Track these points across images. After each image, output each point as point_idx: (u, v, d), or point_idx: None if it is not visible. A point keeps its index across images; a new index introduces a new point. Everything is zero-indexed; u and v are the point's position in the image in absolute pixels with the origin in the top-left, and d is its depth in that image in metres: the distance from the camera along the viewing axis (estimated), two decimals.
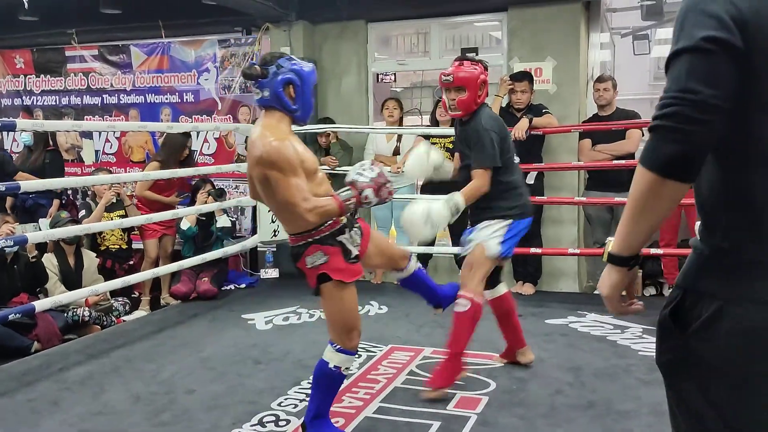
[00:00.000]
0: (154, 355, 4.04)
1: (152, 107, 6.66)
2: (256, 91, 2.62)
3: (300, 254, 2.67)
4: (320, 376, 2.76)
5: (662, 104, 1.19)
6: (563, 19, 5.49)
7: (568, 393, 3.28)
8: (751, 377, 1.22)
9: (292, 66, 2.60)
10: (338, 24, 6.16)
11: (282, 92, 2.57)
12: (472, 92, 3.23)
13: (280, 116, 2.61)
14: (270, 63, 2.60)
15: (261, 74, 2.57)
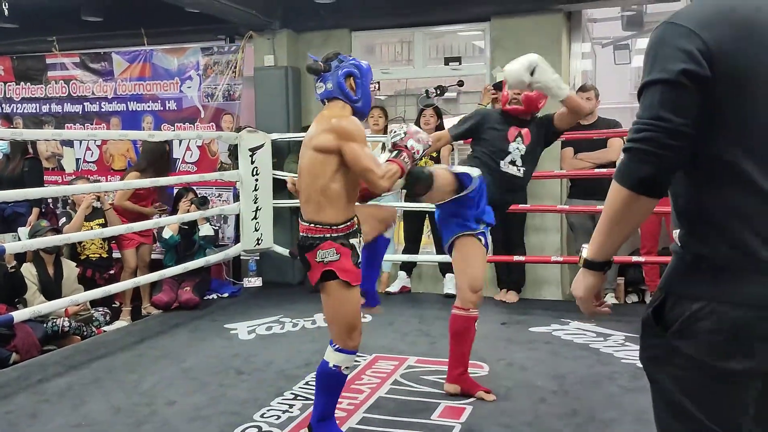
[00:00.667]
0: (135, 365, 3.99)
1: (134, 115, 6.60)
2: (319, 85, 2.77)
3: (313, 246, 2.68)
4: (322, 377, 2.80)
5: (636, 128, 1.35)
6: (545, 29, 5.53)
7: (552, 401, 3.28)
8: (727, 372, 1.34)
9: (351, 60, 2.78)
10: (322, 33, 6.16)
11: (344, 83, 2.73)
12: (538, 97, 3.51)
13: (343, 105, 2.75)
14: (332, 59, 2.76)
15: (324, 69, 2.74)
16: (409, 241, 5.72)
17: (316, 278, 2.71)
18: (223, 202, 6.28)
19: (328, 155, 2.63)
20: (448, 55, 6.99)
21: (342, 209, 2.70)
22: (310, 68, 2.77)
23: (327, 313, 2.81)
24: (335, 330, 2.77)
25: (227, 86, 6.23)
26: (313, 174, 2.66)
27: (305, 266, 2.76)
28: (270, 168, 5.67)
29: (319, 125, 2.69)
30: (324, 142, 2.63)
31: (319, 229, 2.68)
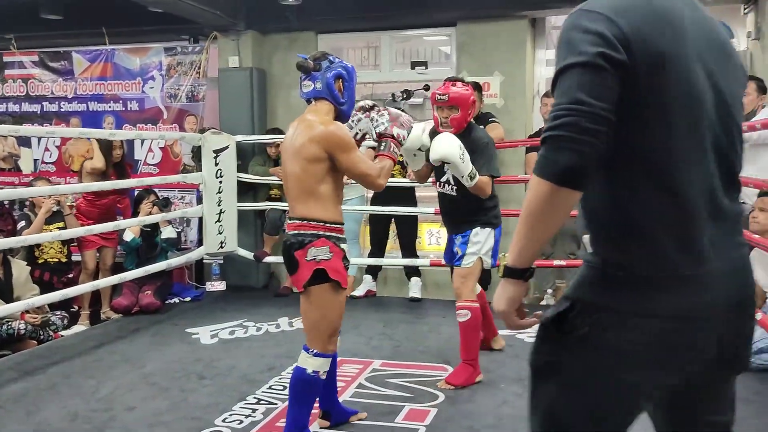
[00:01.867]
0: (93, 371, 3.90)
1: (95, 115, 6.47)
2: (307, 84, 2.75)
3: (304, 243, 2.62)
4: (298, 385, 2.72)
5: (554, 116, 1.24)
6: (510, 36, 5.59)
7: (515, 404, 3.30)
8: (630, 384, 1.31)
9: (340, 62, 2.79)
10: (288, 35, 6.13)
11: (333, 85, 2.73)
12: (464, 111, 3.46)
13: (329, 108, 2.75)
14: (322, 58, 2.77)
15: (314, 67, 2.73)
16: (374, 245, 5.70)
17: (304, 278, 2.62)
18: (186, 205, 6.19)
19: (318, 163, 2.62)
20: (414, 59, 7.02)
21: (333, 209, 2.69)
22: (300, 66, 2.75)
23: (311, 317, 2.70)
24: (316, 334, 2.69)
25: (191, 87, 6.16)
26: (301, 179, 2.65)
27: (291, 267, 2.67)
28: (234, 170, 5.61)
29: (305, 131, 2.64)
30: (314, 152, 2.60)
31: (312, 225, 2.64)
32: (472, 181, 3.32)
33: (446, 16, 5.76)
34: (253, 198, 5.91)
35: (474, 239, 3.52)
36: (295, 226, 2.67)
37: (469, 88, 3.51)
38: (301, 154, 2.63)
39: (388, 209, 5.37)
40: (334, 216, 2.69)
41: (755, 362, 3.65)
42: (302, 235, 2.64)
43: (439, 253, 6.29)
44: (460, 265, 3.54)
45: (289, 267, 2.71)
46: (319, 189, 2.65)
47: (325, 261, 2.61)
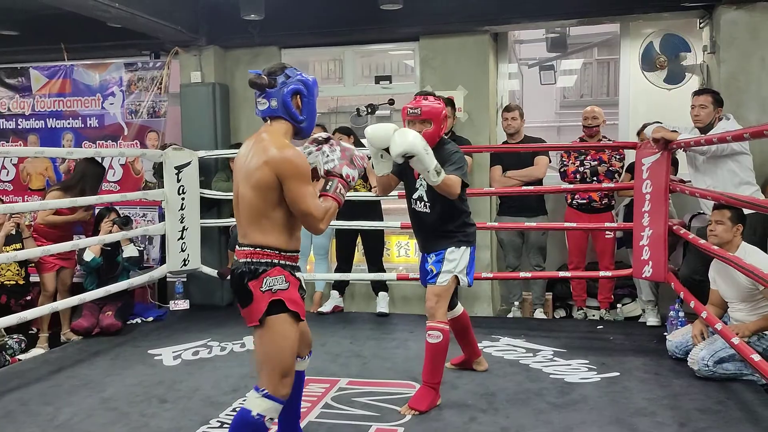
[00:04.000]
0: (51, 396, 3.78)
1: (53, 132, 6.33)
2: (262, 102, 2.53)
3: (258, 272, 2.42)
4: (239, 427, 2.46)
5: None
6: (472, 50, 5.63)
7: (482, 420, 3.29)
8: None
9: (298, 76, 2.55)
10: (251, 49, 6.09)
11: (290, 102, 2.51)
12: (437, 125, 3.38)
13: (287, 128, 2.54)
14: (278, 73, 2.53)
15: (269, 84, 2.50)
16: (341, 260, 5.66)
17: (260, 311, 2.40)
18: (148, 222, 6.08)
19: (269, 189, 2.41)
20: (379, 73, 7.03)
21: (288, 236, 2.49)
22: (253, 83, 2.51)
23: (263, 352, 2.47)
24: (268, 373, 2.45)
25: (152, 103, 6.06)
26: (254, 203, 2.45)
27: (244, 299, 2.45)
28: (197, 186, 5.53)
29: (260, 153, 2.43)
30: (263, 178, 2.40)
31: (266, 253, 2.44)
32: (438, 176, 3.17)
33: (409, 31, 5.78)
34: (217, 214, 5.83)
35: (449, 257, 3.43)
36: (247, 254, 2.45)
37: (440, 102, 3.47)
38: (253, 176, 2.42)
39: (354, 224, 5.34)
40: (289, 244, 2.49)
41: (718, 372, 3.70)
42: (255, 264, 2.43)
43: (408, 265, 6.30)
44: (435, 283, 3.44)
45: (240, 299, 2.47)
46: (274, 214, 2.45)
47: (281, 291, 2.43)
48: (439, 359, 3.43)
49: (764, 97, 4.92)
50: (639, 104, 5.74)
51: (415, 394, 3.47)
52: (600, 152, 5.22)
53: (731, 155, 4.19)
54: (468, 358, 3.98)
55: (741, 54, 4.95)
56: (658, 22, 5.59)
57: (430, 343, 3.40)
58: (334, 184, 2.56)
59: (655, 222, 4.46)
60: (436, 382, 3.45)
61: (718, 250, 3.68)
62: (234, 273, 2.49)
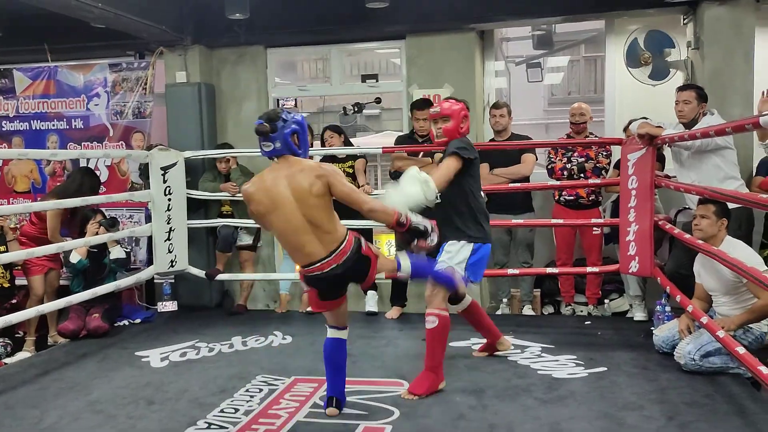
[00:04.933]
0: (37, 400, 3.75)
1: (38, 134, 6.29)
2: (267, 144, 3.07)
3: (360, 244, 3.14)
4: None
5: None
6: (459, 48, 5.63)
7: (471, 417, 3.29)
8: None
9: (293, 118, 3.10)
10: (236, 49, 6.07)
11: (291, 141, 3.07)
12: (456, 121, 3.66)
13: (293, 160, 3.09)
14: (276, 119, 3.06)
15: (271, 130, 3.04)
16: None
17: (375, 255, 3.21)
18: (134, 224, 6.04)
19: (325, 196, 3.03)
20: (367, 71, 7.03)
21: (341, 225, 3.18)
22: (259, 131, 3.04)
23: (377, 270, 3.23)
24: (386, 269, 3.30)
25: (137, 103, 6.03)
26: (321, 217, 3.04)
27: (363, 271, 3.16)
28: (183, 187, 5.50)
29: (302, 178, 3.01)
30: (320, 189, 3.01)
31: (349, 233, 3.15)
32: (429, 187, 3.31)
33: (395, 30, 5.77)
34: (204, 215, 5.80)
35: (447, 249, 3.65)
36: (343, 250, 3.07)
37: (460, 104, 3.74)
38: (312, 194, 3.00)
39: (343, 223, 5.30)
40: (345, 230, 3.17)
41: (704, 366, 3.72)
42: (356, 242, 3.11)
43: None
44: None
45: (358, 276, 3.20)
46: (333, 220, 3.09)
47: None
48: (436, 343, 3.57)
49: (748, 92, 4.95)
50: (624, 100, 5.76)
51: (416, 379, 3.60)
52: (587, 149, 5.24)
53: (716, 150, 4.22)
54: (491, 343, 4.20)
55: (725, 49, 4.99)
56: (643, 18, 5.62)
57: (427, 329, 3.58)
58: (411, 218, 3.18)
59: (641, 217, 4.48)
60: (434, 365, 3.58)
61: (702, 244, 3.70)
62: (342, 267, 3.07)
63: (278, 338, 4.83)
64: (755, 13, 5.01)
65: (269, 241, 6.11)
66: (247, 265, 5.84)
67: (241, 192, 5.47)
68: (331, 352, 3.39)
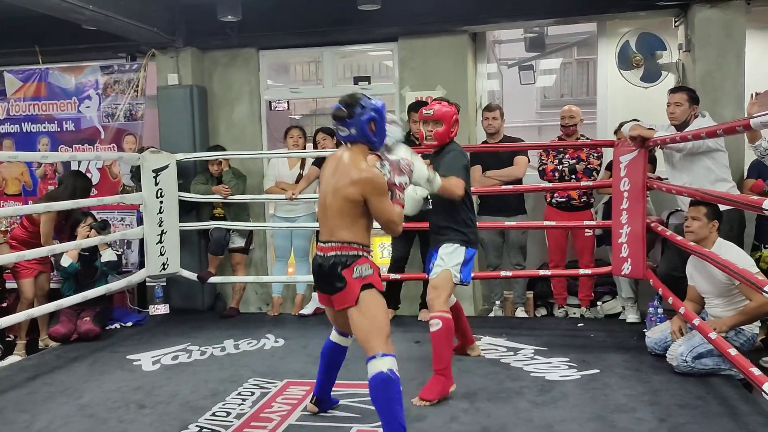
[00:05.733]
0: (27, 404, 3.72)
1: (29, 137, 6.25)
2: (343, 129, 2.96)
3: (347, 263, 2.89)
4: (381, 387, 2.83)
5: None
6: (451, 50, 5.64)
7: (463, 420, 3.28)
8: None
9: (372, 105, 2.96)
10: (228, 51, 6.05)
11: (367, 129, 2.94)
12: (447, 125, 3.72)
13: (363, 148, 2.98)
14: (354, 104, 2.94)
15: (348, 115, 2.92)
16: None
17: (354, 294, 2.88)
18: (126, 226, 6.01)
19: (356, 203, 2.89)
20: (360, 74, 7.02)
21: (368, 234, 3.01)
22: (336, 116, 2.94)
23: (365, 324, 2.89)
24: (376, 337, 2.87)
25: (129, 106, 6.00)
26: (344, 212, 2.91)
27: (335, 285, 2.91)
28: (175, 189, 5.47)
29: (347, 173, 2.90)
30: (352, 195, 2.87)
31: (354, 247, 2.92)
32: (432, 183, 3.44)
33: (387, 32, 5.77)
34: (196, 217, 5.78)
35: (442, 252, 3.71)
36: (337, 248, 2.91)
37: (452, 107, 3.79)
38: (341, 192, 2.90)
39: None
40: (368, 240, 3.01)
41: (696, 367, 3.72)
42: (345, 256, 2.90)
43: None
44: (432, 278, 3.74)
45: (330, 286, 2.93)
46: (360, 220, 2.93)
47: (369, 276, 2.91)
48: (442, 346, 3.58)
49: (739, 94, 4.97)
50: (616, 103, 5.78)
51: (426, 385, 3.57)
52: (578, 151, 5.25)
53: (707, 152, 4.23)
54: (462, 345, 4.22)
55: (716, 52, 5.01)
56: (634, 21, 5.63)
57: (431, 332, 3.59)
58: (394, 193, 3.02)
59: (633, 219, 4.49)
60: (443, 367, 3.55)
61: (695, 246, 3.71)
62: (322, 264, 2.94)
63: (270, 341, 4.81)
64: (746, 15, 5.03)
65: (261, 243, 6.09)
66: (239, 267, 5.82)
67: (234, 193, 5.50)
68: (325, 352, 3.36)
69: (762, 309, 3.61)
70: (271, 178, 5.71)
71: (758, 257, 4.49)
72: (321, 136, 5.57)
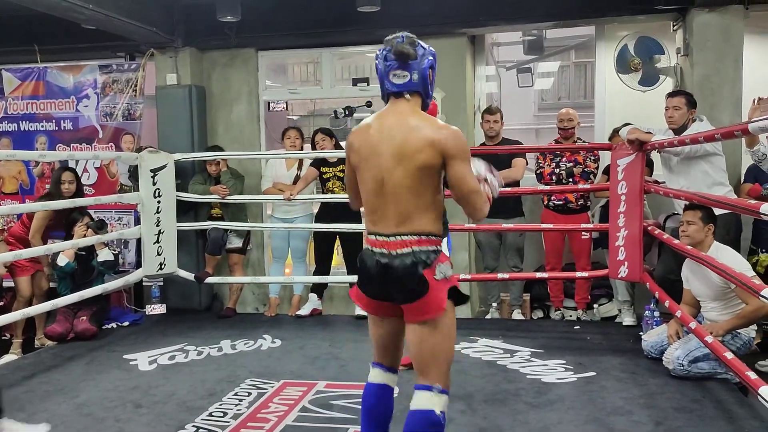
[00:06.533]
0: (23, 403, 3.71)
1: (26, 135, 6.25)
2: (402, 74, 2.29)
3: (430, 262, 2.25)
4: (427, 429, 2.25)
5: None
6: (450, 52, 5.64)
7: (460, 421, 3.29)
8: None
9: (430, 49, 2.37)
10: (227, 51, 6.05)
11: (428, 76, 2.33)
12: None
13: (420, 102, 2.34)
14: (416, 44, 2.31)
15: (414, 55, 2.28)
16: (319, 263, 5.64)
17: (443, 300, 2.24)
18: (123, 226, 6.01)
19: (433, 172, 2.26)
20: (358, 75, 7.03)
21: (441, 223, 2.35)
22: (402, 52, 2.26)
23: (435, 345, 2.28)
24: (440, 366, 2.29)
25: (127, 105, 6.00)
26: (416, 190, 2.25)
27: (416, 290, 2.24)
28: (173, 189, 5.47)
29: (413, 132, 2.25)
30: (429, 159, 2.23)
31: (433, 240, 2.28)
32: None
33: (386, 33, 5.71)
34: (194, 217, 5.78)
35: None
36: (414, 242, 2.25)
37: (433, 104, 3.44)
38: (415, 159, 2.23)
39: (333, 227, 5.32)
40: (441, 230, 2.35)
41: (692, 371, 3.73)
42: (425, 252, 2.25)
43: None
44: None
45: (404, 292, 2.26)
46: (436, 198, 2.30)
47: (453, 277, 2.31)
48: None
49: (737, 98, 4.99)
50: (614, 106, 5.80)
51: None
52: (575, 154, 5.26)
53: (704, 156, 4.24)
54: None
55: (714, 56, 5.02)
56: (633, 24, 5.65)
57: None
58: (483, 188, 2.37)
59: (630, 222, 4.50)
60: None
61: (691, 249, 3.72)
62: (390, 266, 2.26)
63: (267, 342, 4.81)
64: (744, 19, 5.05)
65: (259, 244, 6.09)
66: (236, 268, 5.82)
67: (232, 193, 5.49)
68: (370, 406, 2.49)
69: (758, 312, 3.62)
70: (268, 179, 5.71)
71: (755, 261, 4.51)
72: (320, 136, 5.58)
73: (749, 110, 4.65)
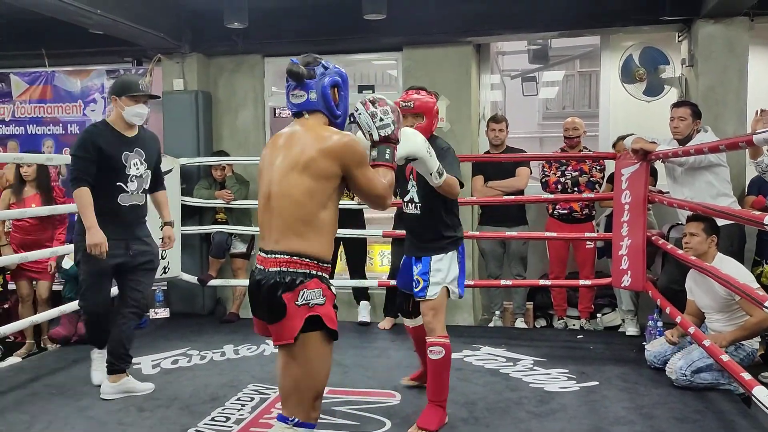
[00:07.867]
0: (27, 405, 3.72)
1: (33, 139, 6.29)
2: (299, 94, 2.32)
3: (294, 284, 2.16)
4: None
5: None
6: (455, 61, 5.67)
7: (462, 429, 3.29)
8: None
9: (335, 68, 2.38)
10: (234, 57, 6.08)
11: (329, 94, 2.32)
12: (429, 119, 3.28)
13: (325, 122, 2.33)
14: (315, 63, 2.33)
15: (308, 75, 2.30)
16: None
17: (295, 328, 2.14)
18: None
19: (326, 181, 2.20)
20: (364, 82, 7.05)
21: (328, 244, 2.25)
22: (293, 72, 2.30)
23: (294, 375, 2.20)
24: (299, 398, 2.20)
25: None
26: (301, 204, 2.19)
27: (275, 313, 2.17)
28: (178, 194, 5.50)
29: (313, 143, 2.21)
30: (326, 167, 2.19)
31: (305, 263, 2.18)
32: (440, 178, 3.00)
33: (392, 41, 5.81)
34: (198, 222, 5.80)
35: (436, 266, 3.26)
36: (282, 262, 2.18)
37: (432, 97, 3.36)
38: (308, 170, 2.19)
39: (338, 232, 5.32)
40: (328, 253, 2.25)
41: (695, 381, 3.73)
42: (290, 274, 2.17)
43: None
44: (425, 297, 3.25)
45: (269, 312, 2.19)
46: (321, 216, 2.21)
47: (318, 306, 2.17)
48: (444, 375, 3.28)
49: (741, 109, 5.00)
50: (619, 116, 5.81)
51: (423, 413, 3.27)
52: (581, 163, 5.27)
53: (709, 167, 4.25)
54: (424, 371, 3.63)
55: (719, 67, 5.04)
56: (638, 35, 5.67)
57: (432, 360, 3.23)
58: (391, 151, 2.36)
59: (634, 232, 4.51)
60: (443, 399, 3.29)
61: (695, 260, 3.72)
62: (260, 283, 2.21)
63: (270, 347, 4.81)
64: (749, 31, 5.06)
65: None
66: (240, 272, 5.83)
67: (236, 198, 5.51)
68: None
69: (762, 324, 3.62)
70: None
71: (759, 273, 4.50)
72: None
73: (752, 121, 4.66)
